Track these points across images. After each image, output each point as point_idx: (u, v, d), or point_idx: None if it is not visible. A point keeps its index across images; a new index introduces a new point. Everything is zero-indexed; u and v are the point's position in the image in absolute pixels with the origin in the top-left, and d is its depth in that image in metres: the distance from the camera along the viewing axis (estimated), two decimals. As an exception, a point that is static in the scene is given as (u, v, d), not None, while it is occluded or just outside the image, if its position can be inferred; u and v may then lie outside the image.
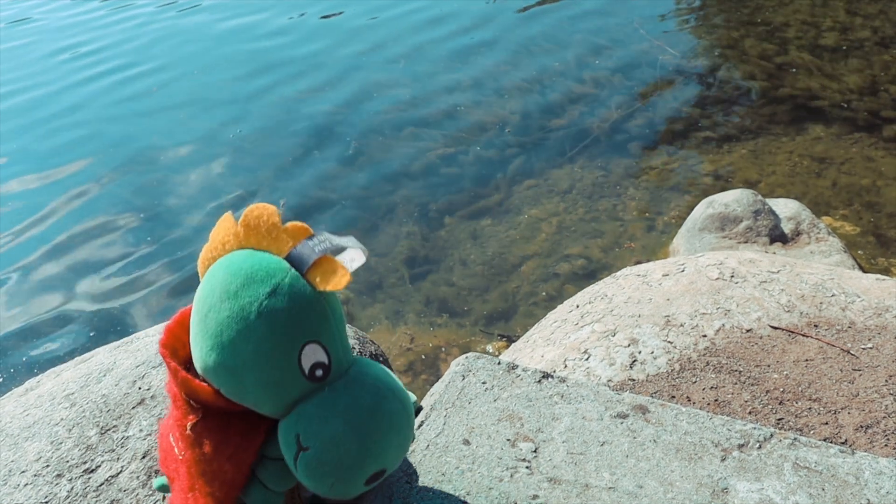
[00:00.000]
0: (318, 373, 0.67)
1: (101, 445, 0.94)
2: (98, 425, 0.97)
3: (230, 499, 0.71)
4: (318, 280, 0.66)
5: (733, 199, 2.30)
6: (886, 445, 1.00)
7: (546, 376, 0.97)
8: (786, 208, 2.32)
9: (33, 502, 0.88)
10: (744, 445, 0.87)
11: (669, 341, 1.24)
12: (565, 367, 1.24)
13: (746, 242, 2.21)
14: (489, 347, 2.11)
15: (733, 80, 3.38)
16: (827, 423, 1.04)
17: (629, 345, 1.24)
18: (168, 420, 0.75)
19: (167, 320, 0.76)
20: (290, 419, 0.67)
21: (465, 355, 1.02)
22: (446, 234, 2.58)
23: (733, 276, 1.40)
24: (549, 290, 2.29)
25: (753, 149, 2.90)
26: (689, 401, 1.10)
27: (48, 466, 0.92)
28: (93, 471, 0.91)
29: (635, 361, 1.20)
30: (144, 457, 0.93)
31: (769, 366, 1.16)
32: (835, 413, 1.06)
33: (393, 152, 3.04)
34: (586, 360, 1.24)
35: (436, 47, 3.91)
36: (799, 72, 3.33)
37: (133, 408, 1.00)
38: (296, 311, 0.65)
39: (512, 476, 0.83)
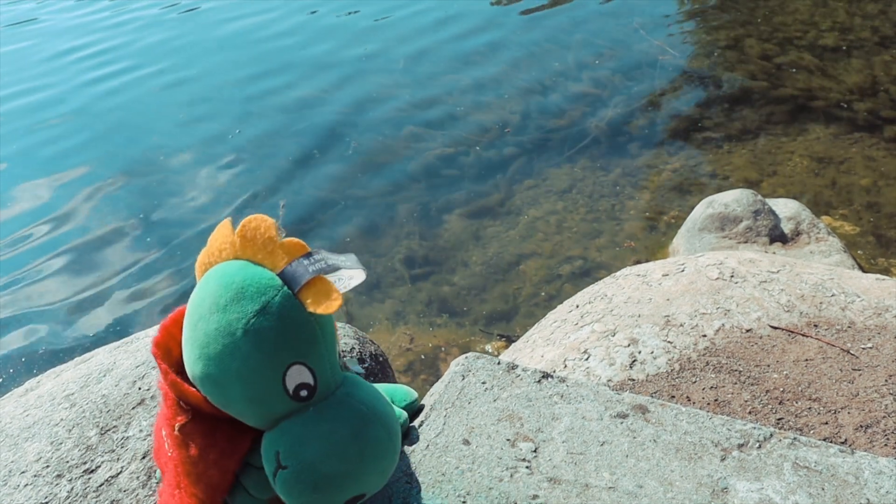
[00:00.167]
0: (303, 393, 0.66)
1: (101, 446, 0.94)
2: (98, 426, 0.97)
3: (214, 501, 0.72)
4: (309, 301, 0.65)
5: (733, 199, 2.30)
6: (886, 445, 1.00)
7: (546, 376, 0.97)
8: (786, 208, 2.32)
9: (33, 503, 0.88)
10: (744, 445, 0.87)
11: (669, 341, 1.24)
12: (565, 367, 1.24)
13: (746, 242, 2.21)
14: (489, 347, 2.11)
15: (733, 80, 3.38)
16: (827, 423, 1.04)
17: (629, 345, 1.24)
18: (161, 415, 0.76)
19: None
20: (273, 435, 0.67)
21: (464, 355, 1.02)
22: (446, 233, 2.58)
23: (733, 276, 1.40)
24: (548, 290, 2.29)
25: (753, 149, 2.90)
26: (689, 401, 1.10)
27: (48, 467, 0.92)
28: (93, 471, 0.91)
29: (635, 361, 1.20)
30: (144, 457, 0.93)
31: (769, 366, 1.16)
32: (834, 413, 1.06)
33: (393, 153, 3.04)
34: (586, 360, 1.24)
35: (436, 48, 3.92)
36: (799, 72, 3.33)
37: (133, 408, 1.00)
38: (283, 331, 0.64)
39: (512, 476, 0.83)
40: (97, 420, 0.98)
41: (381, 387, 0.92)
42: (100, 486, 0.90)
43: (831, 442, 0.98)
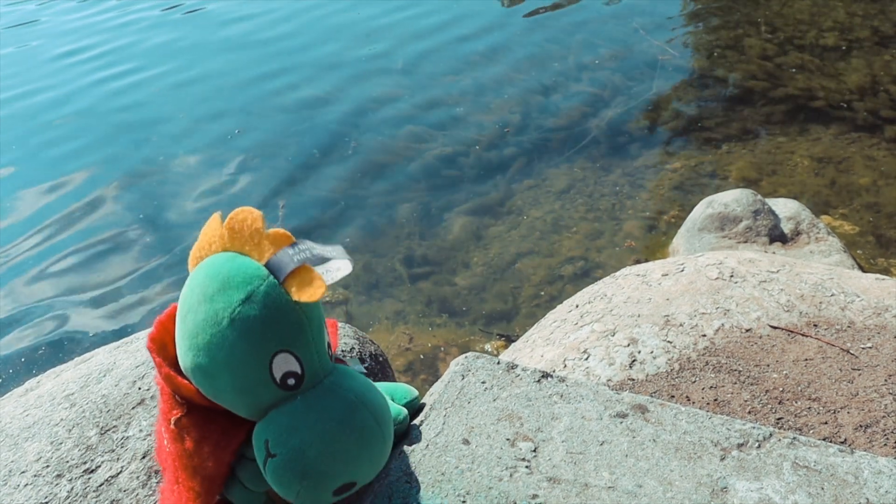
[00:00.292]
0: (291, 382, 0.67)
1: (100, 446, 0.95)
2: (98, 425, 0.97)
3: (211, 494, 0.72)
4: (293, 289, 0.65)
5: (733, 198, 2.30)
6: (885, 445, 1.00)
7: (545, 376, 0.97)
8: (785, 208, 2.32)
9: (33, 502, 0.88)
10: (743, 445, 0.87)
11: (669, 341, 1.24)
12: (565, 366, 1.24)
13: (746, 242, 2.21)
14: (488, 347, 2.11)
15: (733, 80, 3.38)
16: (826, 423, 1.04)
17: (628, 344, 1.24)
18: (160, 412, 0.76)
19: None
20: (262, 424, 0.67)
21: (464, 355, 1.02)
22: (446, 233, 2.58)
23: (733, 276, 1.40)
24: (548, 289, 2.29)
25: (753, 149, 2.90)
26: (689, 400, 1.10)
27: (48, 467, 0.92)
28: (93, 471, 0.91)
29: (635, 361, 1.20)
30: (144, 457, 0.93)
31: (769, 365, 1.16)
32: (834, 412, 1.06)
33: (393, 153, 3.04)
34: (586, 359, 1.24)
35: (436, 49, 3.92)
36: (799, 72, 3.33)
37: (133, 408, 1.00)
38: (269, 319, 0.65)
39: (511, 475, 0.83)
40: (97, 420, 0.98)
41: (381, 385, 0.92)
42: (100, 485, 0.90)
43: (831, 442, 0.98)
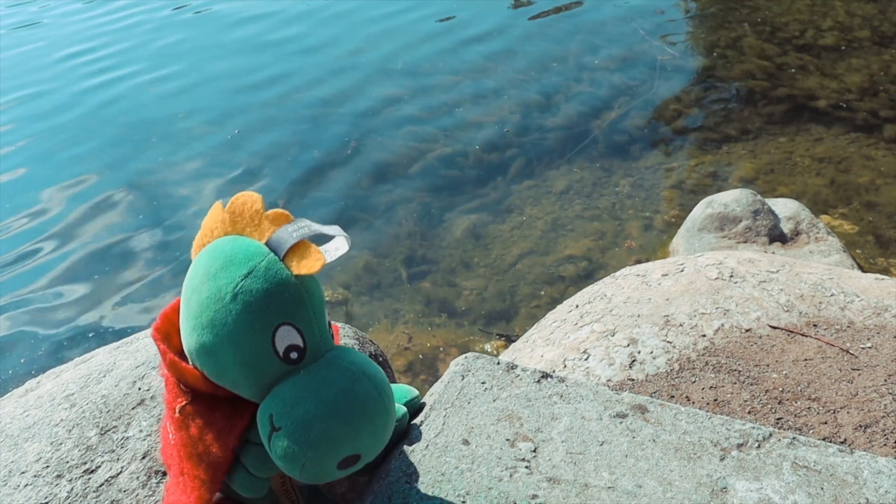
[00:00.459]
0: (293, 355, 0.68)
1: (100, 446, 0.95)
2: (98, 426, 0.97)
3: (216, 481, 0.72)
4: (293, 264, 0.68)
5: (732, 198, 2.31)
6: (885, 445, 1.00)
7: (545, 376, 0.98)
8: (785, 208, 2.32)
9: (33, 503, 0.88)
10: (743, 445, 0.87)
11: (669, 341, 1.24)
12: (564, 367, 1.24)
13: (746, 242, 2.21)
14: (488, 347, 2.11)
15: (733, 79, 3.38)
16: (826, 423, 1.04)
17: (628, 345, 1.25)
18: (165, 405, 0.77)
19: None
20: (266, 400, 0.68)
21: (464, 355, 1.02)
22: (445, 233, 2.58)
23: (732, 276, 1.40)
24: (548, 289, 2.29)
25: (753, 148, 2.90)
26: (689, 400, 1.10)
27: (48, 467, 0.92)
28: (93, 471, 0.91)
29: (634, 361, 1.20)
30: (144, 457, 0.93)
31: (768, 365, 1.16)
32: (834, 412, 1.06)
33: (392, 152, 3.04)
34: (585, 360, 1.24)
35: (435, 47, 3.92)
36: (798, 72, 3.33)
37: (133, 408, 1.00)
38: (271, 292, 0.67)
39: (511, 476, 0.83)
40: (97, 420, 0.98)
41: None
42: (100, 486, 0.90)
43: (830, 441, 0.98)
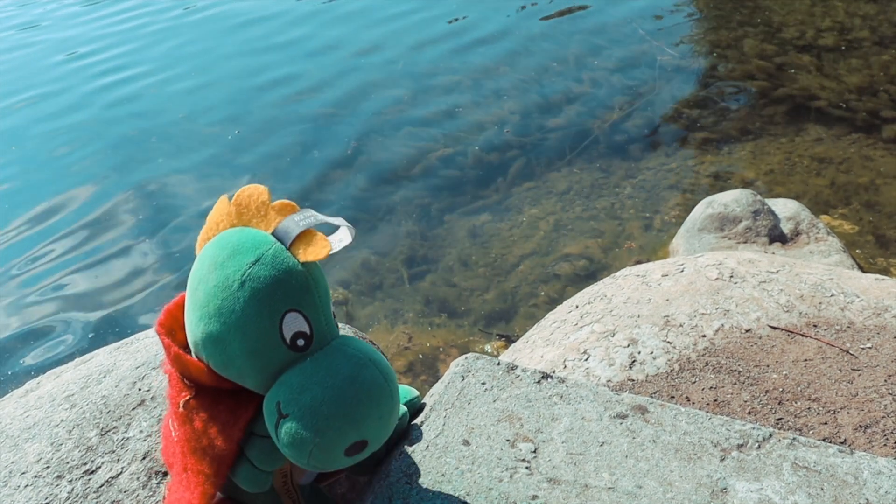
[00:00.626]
0: (300, 342, 0.69)
1: (101, 447, 0.95)
2: (98, 426, 0.97)
3: (220, 475, 0.72)
4: (300, 252, 0.69)
5: (732, 199, 2.31)
6: (885, 445, 1.00)
7: (545, 377, 0.98)
8: (785, 208, 2.32)
9: (34, 503, 0.88)
10: (743, 445, 0.87)
11: (669, 341, 1.24)
12: (565, 367, 1.24)
13: (746, 242, 2.21)
14: (488, 347, 2.11)
15: (733, 80, 3.38)
16: (826, 423, 1.04)
17: (628, 345, 1.25)
18: (169, 400, 0.77)
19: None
20: (274, 389, 0.69)
21: (464, 356, 1.02)
22: (445, 233, 2.58)
23: (732, 277, 1.40)
24: (548, 290, 2.29)
25: (753, 149, 2.90)
26: (689, 401, 1.10)
27: (48, 468, 0.92)
28: (93, 472, 0.91)
29: (634, 362, 1.21)
30: (145, 458, 0.93)
31: (768, 366, 1.16)
32: (834, 413, 1.06)
33: (392, 152, 3.04)
34: (586, 360, 1.24)
35: (434, 47, 3.92)
36: (798, 72, 3.34)
37: (133, 409, 1.00)
38: (278, 279, 0.67)
39: (511, 476, 0.83)
40: (97, 421, 0.98)
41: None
42: (100, 486, 0.90)
43: (830, 442, 0.98)
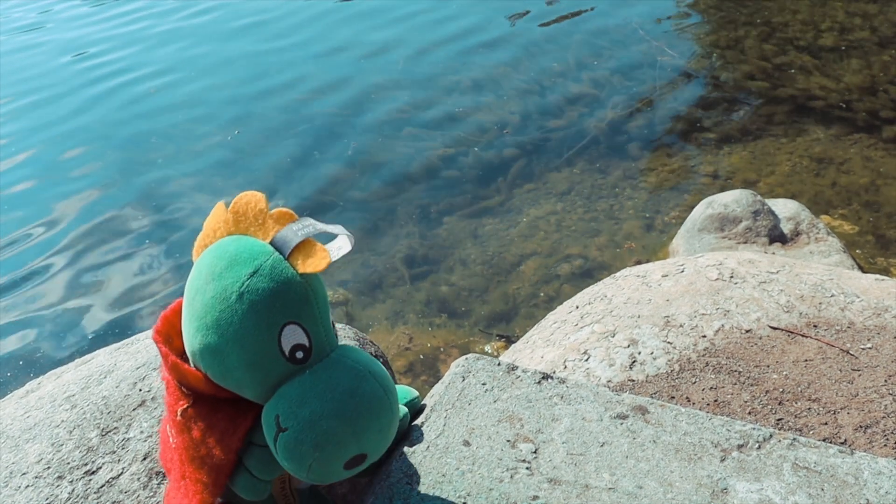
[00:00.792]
0: (299, 355, 0.68)
1: (101, 447, 0.95)
2: (99, 427, 0.98)
3: (218, 484, 0.72)
4: (298, 262, 0.68)
5: (733, 199, 2.31)
6: (885, 445, 1.00)
7: (546, 377, 0.98)
8: (785, 208, 2.33)
9: (34, 504, 0.88)
10: (743, 446, 0.87)
11: (669, 342, 1.24)
12: (565, 367, 1.24)
13: (746, 243, 2.21)
14: (488, 348, 2.11)
15: (733, 80, 3.38)
16: (826, 424, 1.04)
17: (629, 345, 1.25)
18: (167, 406, 0.76)
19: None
20: (272, 401, 0.68)
21: (465, 356, 1.03)
22: (446, 234, 2.58)
23: (732, 277, 1.40)
24: (548, 290, 2.30)
25: (753, 149, 2.90)
26: (689, 401, 1.10)
27: (49, 468, 0.92)
28: (94, 472, 0.91)
29: (635, 362, 1.21)
30: (145, 458, 0.93)
31: (768, 366, 1.16)
32: (834, 413, 1.06)
33: (393, 153, 3.04)
34: (586, 360, 1.24)
35: (434, 48, 3.92)
36: (798, 72, 3.34)
37: (134, 409, 1.00)
38: (276, 291, 0.67)
39: (512, 477, 0.83)
40: (98, 421, 0.98)
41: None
42: (101, 487, 0.90)
43: (831, 442, 0.98)
